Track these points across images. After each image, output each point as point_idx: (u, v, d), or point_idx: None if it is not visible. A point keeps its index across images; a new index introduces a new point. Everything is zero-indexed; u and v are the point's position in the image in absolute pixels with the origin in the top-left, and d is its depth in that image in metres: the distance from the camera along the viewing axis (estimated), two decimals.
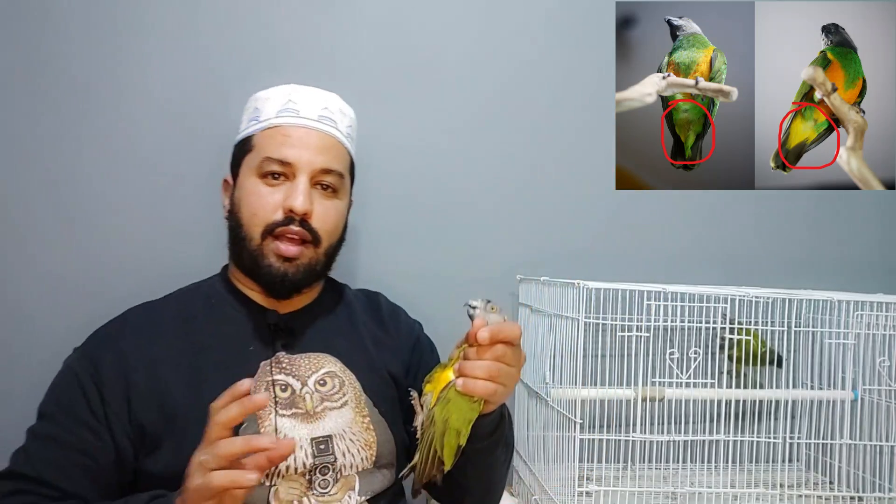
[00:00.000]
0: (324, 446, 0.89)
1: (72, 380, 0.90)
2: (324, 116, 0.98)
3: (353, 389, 0.96)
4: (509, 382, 0.81)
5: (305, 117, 0.97)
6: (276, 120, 0.97)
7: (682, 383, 1.09)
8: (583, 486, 1.07)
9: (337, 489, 0.89)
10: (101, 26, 1.18)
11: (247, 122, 1.01)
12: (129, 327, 0.95)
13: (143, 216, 1.20)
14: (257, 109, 1.00)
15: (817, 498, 1.14)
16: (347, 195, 1.04)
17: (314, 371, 0.95)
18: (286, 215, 0.94)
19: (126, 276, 1.17)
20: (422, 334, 1.13)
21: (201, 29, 1.21)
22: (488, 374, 0.80)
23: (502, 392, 0.81)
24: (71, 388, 0.90)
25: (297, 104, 0.98)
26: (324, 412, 0.92)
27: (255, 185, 0.95)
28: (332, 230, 0.98)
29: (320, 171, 0.96)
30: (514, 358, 0.81)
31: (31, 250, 1.17)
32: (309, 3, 1.25)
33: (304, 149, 0.95)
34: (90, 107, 1.18)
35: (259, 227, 0.94)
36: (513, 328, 0.81)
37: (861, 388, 1.16)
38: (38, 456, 0.86)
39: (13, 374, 1.15)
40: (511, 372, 0.81)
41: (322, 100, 1.00)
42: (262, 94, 1.01)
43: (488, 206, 1.33)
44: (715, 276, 1.36)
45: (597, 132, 1.34)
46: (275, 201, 0.94)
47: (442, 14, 1.31)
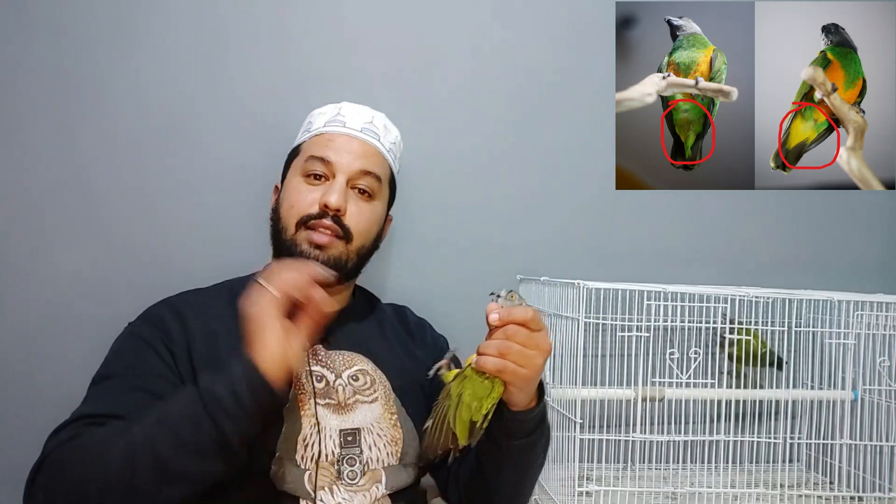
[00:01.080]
0: (351, 438, 0.93)
1: (139, 343, 0.93)
2: (367, 129, 1.07)
3: (383, 387, 0.99)
4: (523, 362, 0.83)
5: (350, 127, 1.06)
6: (323, 129, 1.06)
7: (682, 383, 1.09)
8: (583, 486, 1.07)
9: (364, 481, 0.92)
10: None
11: (300, 135, 1.11)
12: (188, 303, 1.00)
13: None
14: (310, 122, 1.10)
15: (817, 498, 1.14)
16: (384, 202, 1.09)
17: (348, 367, 0.99)
18: (321, 209, 1.00)
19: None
20: (447, 347, 1.15)
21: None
22: (497, 350, 0.83)
23: (513, 370, 0.83)
24: (141, 351, 0.92)
25: (344, 117, 1.07)
26: (355, 405, 0.95)
27: (297, 182, 1.03)
28: (365, 230, 1.04)
29: (359, 171, 1.03)
30: (529, 339, 0.83)
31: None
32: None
33: (345, 152, 1.03)
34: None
35: (295, 219, 1.00)
36: (524, 310, 0.84)
37: (861, 388, 1.16)
38: (107, 401, 0.86)
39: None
40: (524, 352, 0.83)
41: (368, 115, 1.09)
42: (316, 111, 1.11)
43: (488, 206, 1.33)
44: (715, 276, 1.36)
45: (597, 132, 1.34)
46: (312, 198, 1.01)
47: (441, 14, 1.31)
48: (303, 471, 0.89)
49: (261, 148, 1.23)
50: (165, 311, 0.98)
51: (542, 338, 0.85)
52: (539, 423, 0.92)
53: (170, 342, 0.93)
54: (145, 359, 0.92)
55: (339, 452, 0.92)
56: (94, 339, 0.99)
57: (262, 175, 1.20)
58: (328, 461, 0.91)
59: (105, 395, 0.88)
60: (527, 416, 0.89)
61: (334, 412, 0.94)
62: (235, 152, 1.24)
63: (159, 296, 1.02)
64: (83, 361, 0.97)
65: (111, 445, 0.76)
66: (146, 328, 0.95)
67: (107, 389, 0.89)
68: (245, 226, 1.22)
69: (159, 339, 0.93)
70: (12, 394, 1.17)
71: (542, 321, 0.85)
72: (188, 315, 0.97)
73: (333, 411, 0.94)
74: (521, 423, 0.89)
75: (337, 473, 0.90)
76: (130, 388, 0.87)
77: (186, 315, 0.97)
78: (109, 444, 0.76)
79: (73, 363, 1.13)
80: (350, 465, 0.92)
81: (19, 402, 1.17)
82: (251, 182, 1.23)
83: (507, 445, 0.90)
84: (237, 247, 1.21)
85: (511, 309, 0.84)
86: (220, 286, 1.07)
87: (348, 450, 0.92)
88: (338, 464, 0.91)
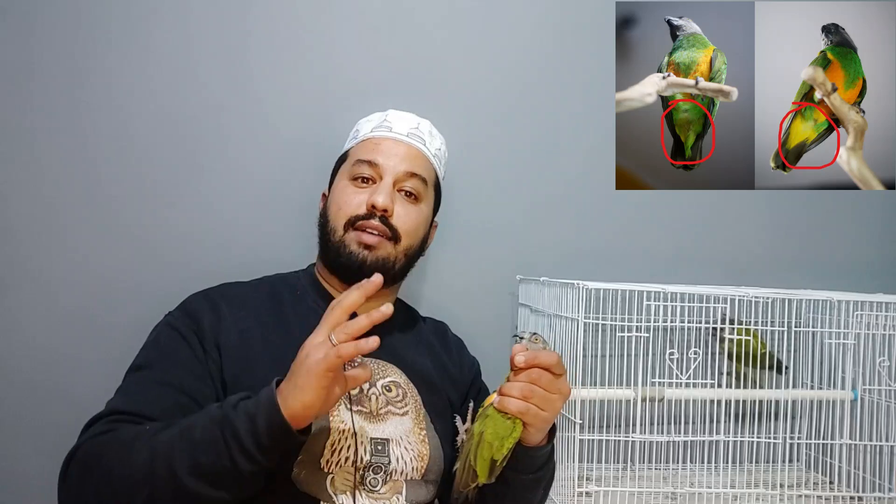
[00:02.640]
0: (381, 448, 0.93)
1: (173, 333, 0.94)
2: (413, 133, 1.09)
3: (414, 402, 0.99)
4: (545, 406, 0.86)
5: (397, 132, 1.08)
6: (370, 134, 1.08)
7: (682, 383, 1.09)
8: (583, 487, 1.07)
9: (386, 489, 0.92)
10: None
11: (348, 142, 1.13)
12: (226, 296, 1.00)
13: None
14: (357, 130, 1.13)
15: (817, 498, 1.14)
16: (430, 205, 1.10)
17: (382, 377, 0.99)
18: (368, 210, 1.01)
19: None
20: (479, 373, 1.16)
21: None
22: (521, 393, 0.85)
23: (535, 413, 0.85)
24: (173, 341, 0.94)
25: (391, 123, 1.09)
26: (387, 415, 0.96)
27: (345, 185, 1.05)
28: (412, 231, 1.05)
29: (405, 174, 1.04)
30: (552, 384, 0.86)
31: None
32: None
33: (392, 155, 1.05)
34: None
35: (343, 220, 1.02)
36: (549, 355, 0.86)
37: (861, 388, 1.16)
38: (138, 397, 0.87)
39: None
40: (547, 396, 0.85)
41: (414, 121, 1.11)
42: (363, 119, 1.14)
43: (488, 206, 1.33)
44: (715, 276, 1.36)
45: (597, 132, 1.34)
46: (360, 199, 1.02)
47: (440, 15, 1.31)
48: (325, 474, 0.89)
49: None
50: (202, 303, 0.98)
51: (564, 383, 0.88)
52: (547, 461, 0.95)
53: (201, 335, 0.94)
54: (178, 351, 0.92)
55: (368, 460, 0.92)
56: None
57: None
58: (354, 466, 0.91)
59: (136, 390, 0.89)
60: (537, 453, 0.92)
61: (365, 420, 0.94)
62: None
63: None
64: (107, 361, 0.97)
65: (137, 449, 0.78)
66: (182, 319, 0.96)
67: (138, 382, 0.90)
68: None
69: (192, 331, 0.94)
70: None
71: (563, 366, 0.88)
72: (223, 308, 0.97)
73: (365, 419, 0.94)
74: (531, 459, 0.92)
75: (360, 479, 0.90)
76: (160, 383, 0.89)
77: (221, 308, 0.97)
78: (136, 448, 0.78)
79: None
80: (375, 473, 0.92)
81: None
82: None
83: (514, 479, 0.93)
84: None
85: (537, 353, 0.86)
86: (262, 282, 1.07)
87: (377, 458, 0.92)
88: (363, 470, 0.91)
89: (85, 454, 0.81)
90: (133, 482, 0.76)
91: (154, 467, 0.76)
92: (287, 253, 1.19)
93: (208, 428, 0.77)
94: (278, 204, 1.25)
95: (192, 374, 0.91)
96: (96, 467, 0.79)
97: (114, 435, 0.81)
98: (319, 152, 1.19)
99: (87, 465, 0.80)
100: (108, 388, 0.91)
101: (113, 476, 0.77)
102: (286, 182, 1.25)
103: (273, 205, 1.25)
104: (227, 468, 0.75)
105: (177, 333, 0.94)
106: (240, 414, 0.76)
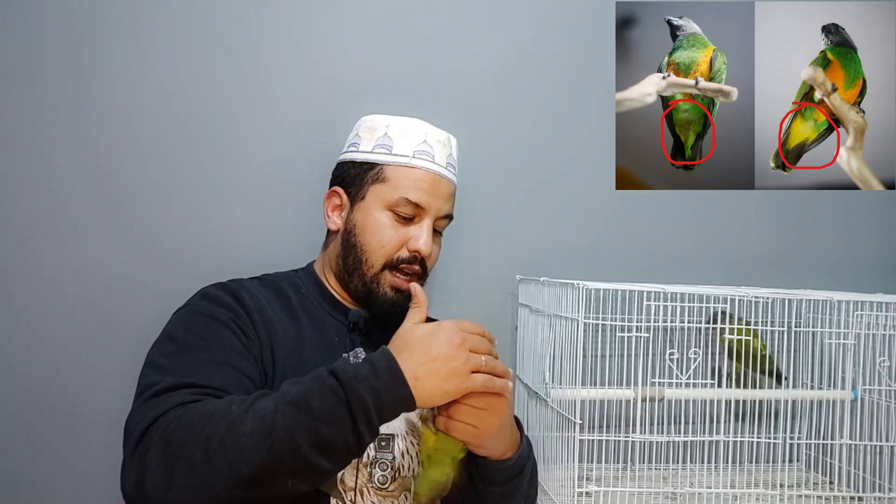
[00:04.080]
0: (385, 443, 0.93)
1: (209, 320, 0.91)
2: (450, 164, 1.07)
3: None
4: (475, 422, 0.85)
5: (438, 163, 1.04)
6: (413, 161, 1.02)
7: (682, 383, 1.09)
8: (583, 487, 1.07)
9: (395, 487, 0.92)
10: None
11: (371, 145, 1.05)
12: (244, 287, 0.98)
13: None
14: (388, 137, 1.04)
15: (817, 498, 1.14)
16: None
17: None
18: (411, 254, 1.01)
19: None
20: None
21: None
22: (446, 411, 0.85)
23: (462, 428, 0.85)
24: (213, 325, 0.90)
25: (431, 148, 1.04)
26: None
27: (385, 217, 1.01)
28: (434, 263, 1.08)
29: (444, 217, 1.06)
30: (483, 401, 0.84)
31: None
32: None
33: (436, 197, 1.03)
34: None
35: (383, 259, 1.01)
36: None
37: (861, 388, 1.16)
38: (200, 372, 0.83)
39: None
40: (474, 412, 0.84)
41: (447, 143, 1.07)
42: (392, 122, 1.05)
43: (488, 206, 1.33)
44: (715, 276, 1.36)
45: (597, 132, 1.33)
46: (400, 237, 1.01)
47: (439, 15, 1.31)
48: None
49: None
50: (224, 293, 0.95)
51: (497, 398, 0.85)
52: (517, 474, 0.95)
53: (239, 321, 0.92)
54: (222, 335, 0.89)
55: (374, 455, 0.92)
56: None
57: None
58: (361, 463, 0.91)
59: (195, 367, 0.84)
60: (500, 466, 0.92)
61: None
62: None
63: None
64: (110, 360, 0.96)
65: (244, 417, 0.73)
66: (212, 308, 0.93)
67: (193, 361, 0.85)
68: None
69: (229, 317, 0.92)
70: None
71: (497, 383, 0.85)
72: (244, 297, 0.95)
73: None
74: (494, 471, 0.92)
75: (368, 476, 0.91)
76: (217, 363, 0.85)
77: (243, 297, 0.95)
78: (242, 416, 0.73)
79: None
80: (382, 469, 0.92)
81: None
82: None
83: (484, 490, 0.94)
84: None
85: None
86: (264, 279, 1.05)
87: (381, 454, 0.92)
88: (370, 467, 0.91)
89: (171, 423, 0.75)
90: (242, 452, 0.71)
91: (271, 438, 0.71)
92: (290, 251, 1.19)
93: (330, 399, 0.74)
94: (282, 202, 1.25)
95: (241, 356, 0.88)
96: (191, 436, 0.73)
97: (205, 405, 0.76)
98: (322, 150, 1.19)
99: (177, 435, 0.73)
100: (109, 387, 0.90)
101: (215, 445, 0.72)
102: (290, 180, 1.25)
103: (276, 202, 1.25)
104: (349, 440, 0.74)
105: (212, 319, 0.91)
106: (362, 383, 0.75)
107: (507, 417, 0.90)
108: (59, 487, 0.82)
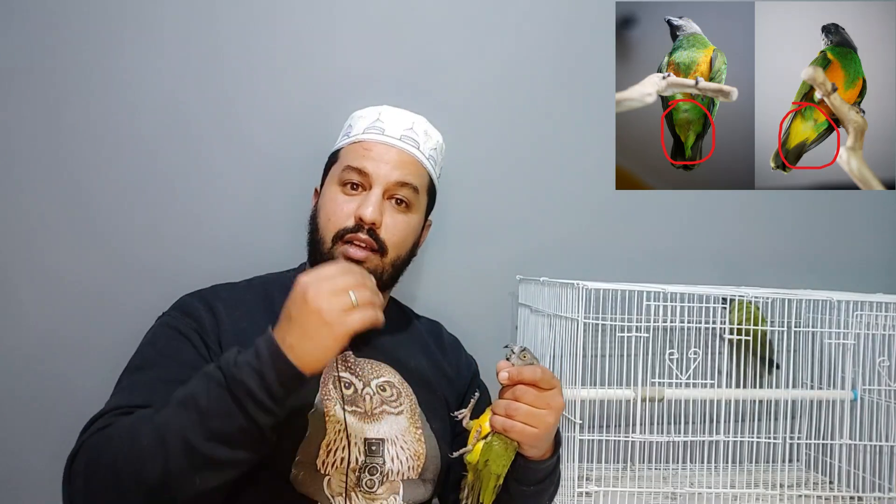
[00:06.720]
0: (375, 447, 0.93)
1: (172, 333, 0.93)
2: (406, 136, 1.05)
3: (409, 401, 0.99)
4: (532, 421, 0.84)
5: (389, 135, 1.04)
6: (362, 136, 1.04)
7: (682, 383, 1.09)
8: (583, 487, 1.07)
9: (383, 490, 0.92)
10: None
11: (340, 138, 1.09)
12: (220, 297, 0.99)
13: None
14: (350, 126, 1.08)
15: (817, 498, 1.14)
16: (421, 212, 1.08)
17: (376, 376, 0.99)
18: (356, 223, 0.99)
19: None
20: (477, 372, 1.15)
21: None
22: (504, 410, 0.85)
23: (520, 429, 0.84)
24: (173, 340, 0.92)
25: (383, 123, 1.05)
26: (381, 415, 0.96)
27: (334, 192, 1.02)
28: (400, 243, 1.02)
29: (395, 183, 1.01)
30: (538, 399, 0.84)
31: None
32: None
33: (382, 162, 1.01)
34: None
35: (332, 232, 0.99)
36: (533, 370, 0.85)
37: (861, 388, 1.16)
38: (141, 394, 0.84)
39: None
40: (533, 412, 0.84)
41: (408, 121, 1.07)
42: (357, 113, 1.09)
43: (488, 205, 1.33)
44: (715, 276, 1.36)
45: (597, 132, 1.33)
46: (349, 209, 0.99)
47: (439, 15, 1.31)
48: (322, 476, 0.89)
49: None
50: (198, 303, 0.97)
51: (553, 396, 0.86)
52: (550, 473, 0.94)
53: (203, 333, 0.93)
54: (180, 349, 0.91)
55: (363, 461, 0.91)
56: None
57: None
58: (350, 468, 0.91)
59: (140, 387, 0.86)
60: (539, 466, 0.91)
61: (360, 420, 0.94)
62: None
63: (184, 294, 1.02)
64: (104, 362, 0.97)
65: (140, 432, 0.75)
66: (180, 318, 0.94)
67: (141, 381, 0.87)
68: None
69: (193, 329, 0.93)
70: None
71: (553, 379, 0.86)
72: (219, 308, 0.96)
73: (360, 419, 0.94)
74: (532, 471, 0.91)
75: (356, 481, 0.90)
76: (165, 381, 0.85)
77: (217, 308, 0.96)
78: (139, 431, 0.75)
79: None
80: (371, 474, 0.92)
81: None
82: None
83: (516, 490, 0.92)
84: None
85: (521, 368, 0.85)
86: (254, 282, 1.06)
87: (371, 459, 0.92)
88: (358, 471, 0.91)
89: (88, 449, 0.78)
90: (142, 464, 0.73)
91: (165, 444, 0.73)
92: (280, 252, 1.18)
93: (215, 392, 0.74)
94: (271, 202, 1.25)
95: (195, 372, 0.87)
96: (102, 459, 0.76)
97: (115, 427, 0.79)
98: (312, 149, 1.18)
99: (92, 460, 0.77)
100: (107, 386, 0.91)
101: (120, 464, 0.74)
102: (279, 180, 1.25)
103: (266, 203, 1.25)
104: (244, 426, 0.74)
105: (176, 332, 0.93)
106: (243, 369, 0.74)
107: (560, 412, 0.88)
108: (59, 487, 0.83)
